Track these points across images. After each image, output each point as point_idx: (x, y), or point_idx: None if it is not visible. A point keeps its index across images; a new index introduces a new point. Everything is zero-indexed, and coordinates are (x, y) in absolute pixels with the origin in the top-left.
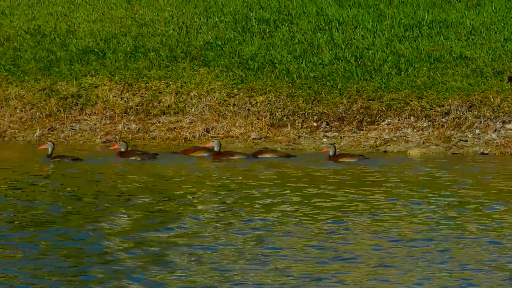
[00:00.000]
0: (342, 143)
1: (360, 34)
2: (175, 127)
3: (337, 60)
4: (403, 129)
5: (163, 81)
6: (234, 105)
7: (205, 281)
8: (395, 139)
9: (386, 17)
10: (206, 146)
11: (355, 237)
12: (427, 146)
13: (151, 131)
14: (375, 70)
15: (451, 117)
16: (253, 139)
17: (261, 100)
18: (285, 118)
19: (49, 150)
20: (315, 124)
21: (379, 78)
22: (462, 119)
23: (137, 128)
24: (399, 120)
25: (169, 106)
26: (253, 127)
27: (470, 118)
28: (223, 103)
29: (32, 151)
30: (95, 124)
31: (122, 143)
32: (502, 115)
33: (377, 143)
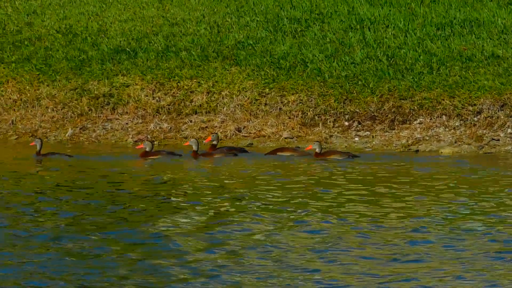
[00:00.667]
0: (374, 142)
1: (391, 33)
2: (206, 126)
3: (368, 59)
4: (435, 128)
5: (195, 81)
6: (265, 104)
7: (284, 281)
8: (427, 138)
9: (417, 16)
10: (185, 144)
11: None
12: (459, 145)
13: (183, 131)
14: (407, 69)
15: (483, 116)
16: (285, 138)
17: (292, 99)
18: (316, 117)
19: (38, 147)
20: (346, 123)
21: (411, 77)
22: (494, 118)
23: (169, 127)
24: (431, 119)
25: (200, 105)
26: (284, 126)
27: (502, 117)
28: (254, 103)
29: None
30: (127, 123)
31: (147, 142)
32: None
33: (409, 142)
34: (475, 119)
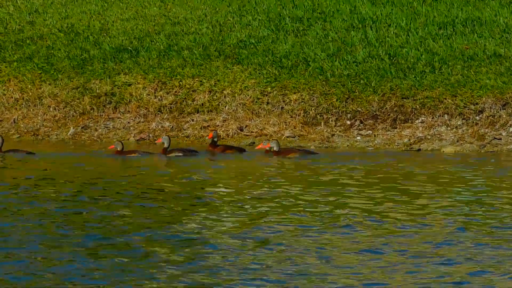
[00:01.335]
0: (375, 141)
1: (393, 32)
2: (208, 125)
3: (370, 58)
4: (437, 127)
5: (197, 79)
6: (267, 103)
7: (340, 280)
8: (429, 137)
9: (419, 15)
10: (157, 141)
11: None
12: (461, 144)
13: (185, 129)
14: (409, 68)
15: (485, 115)
16: (287, 137)
17: (294, 98)
18: (318, 116)
19: None
20: (348, 122)
21: (413, 76)
22: (496, 117)
23: (171, 126)
24: (433, 118)
25: (202, 104)
26: (286, 125)
27: (504, 116)
28: (256, 101)
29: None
30: (129, 122)
31: (117, 142)
32: None
33: (411, 141)
34: (477, 118)
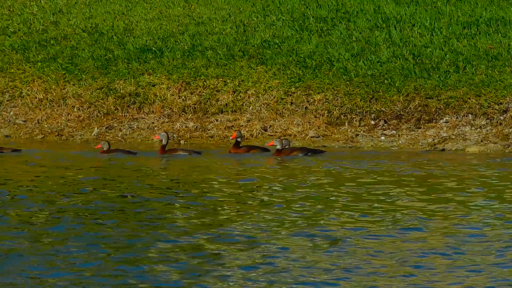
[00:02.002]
0: (400, 141)
1: (417, 32)
2: (232, 126)
3: (394, 58)
4: (461, 127)
5: (221, 80)
6: (291, 103)
7: (367, 283)
8: (453, 137)
9: (443, 14)
10: (155, 138)
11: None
12: (485, 144)
13: (209, 130)
14: (433, 68)
15: (509, 114)
16: (311, 137)
17: (318, 98)
18: (342, 116)
19: None
20: (373, 122)
21: (437, 76)
22: None
23: (195, 126)
24: (457, 118)
25: (226, 104)
26: (310, 125)
27: None
28: (280, 102)
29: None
30: (153, 122)
31: (103, 142)
32: None
33: (435, 141)
34: (501, 117)
